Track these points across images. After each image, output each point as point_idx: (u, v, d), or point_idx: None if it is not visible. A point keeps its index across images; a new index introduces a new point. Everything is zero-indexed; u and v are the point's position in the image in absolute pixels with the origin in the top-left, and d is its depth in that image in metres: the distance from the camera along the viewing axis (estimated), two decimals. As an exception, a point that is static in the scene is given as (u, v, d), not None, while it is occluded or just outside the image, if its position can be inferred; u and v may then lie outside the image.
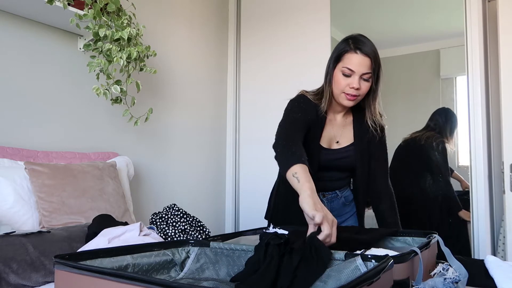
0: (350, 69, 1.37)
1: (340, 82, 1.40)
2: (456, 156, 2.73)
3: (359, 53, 1.36)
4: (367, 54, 1.36)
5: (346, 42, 1.41)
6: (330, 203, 1.60)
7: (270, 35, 2.95)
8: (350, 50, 1.38)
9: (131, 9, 2.04)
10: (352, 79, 1.38)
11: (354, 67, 1.37)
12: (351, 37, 1.43)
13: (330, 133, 1.53)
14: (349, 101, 1.42)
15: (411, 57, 2.92)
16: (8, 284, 1.10)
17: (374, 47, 1.39)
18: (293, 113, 1.48)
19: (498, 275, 1.05)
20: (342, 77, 1.39)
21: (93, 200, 1.64)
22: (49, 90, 1.92)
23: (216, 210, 2.95)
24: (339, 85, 1.41)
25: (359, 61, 1.36)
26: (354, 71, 1.37)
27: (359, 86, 1.38)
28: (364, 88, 1.40)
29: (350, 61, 1.37)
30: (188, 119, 2.72)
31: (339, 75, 1.40)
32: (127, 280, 0.66)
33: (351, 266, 0.80)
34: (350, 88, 1.39)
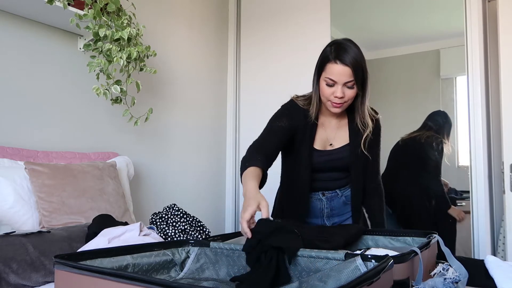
0: (331, 79, 1.40)
1: (325, 91, 1.44)
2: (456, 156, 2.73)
3: (339, 63, 1.38)
4: (346, 64, 1.37)
5: (329, 50, 1.43)
6: (330, 202, 1.61)
7: (270, 35, 2.95)
8: (330, 60, 1.40)
9: (131, 9, 2.04)
10: (336, 88, 1.41)
11: (335, 77, 1.39)
12: (334, 43, 1.44)
13: (323, 135, 1.57)
14: (336, 108, 1.46)
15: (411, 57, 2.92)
16: (8, 284, 1.10)
17: (356, 53, 1.39)
18: (276, 121, 1.55)
19: (498, 275, 1.05)
20: (326, 86, 1.43)
21: (93, 200, 1.64)
22: (49, 90, 1.92)
23: (216, 210, 2.95)
24: (324, 93, 1.44)
25: (339, 71, 1.38)
26: (336, 81, 1.40)
27: (343, 95, 1.41)
28: (349, 94, 1.43)
29: (331, 72, 1.40)
30: (188, 119, 2.72)
31: (323, 84, 1.44)
32: (127, 280, 0.66)
33: (351, 266, 0.81)
34: (334, 97, 1.42)
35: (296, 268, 0.93)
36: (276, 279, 0.91)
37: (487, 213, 2.18)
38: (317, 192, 1.60)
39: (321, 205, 1.60)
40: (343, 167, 1.57)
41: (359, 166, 1.57)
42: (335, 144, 1.57)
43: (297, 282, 0.86)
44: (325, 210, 1.61)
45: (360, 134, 1.54)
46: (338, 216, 1.63)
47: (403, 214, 2.67)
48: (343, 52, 1.39)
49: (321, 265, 0.90)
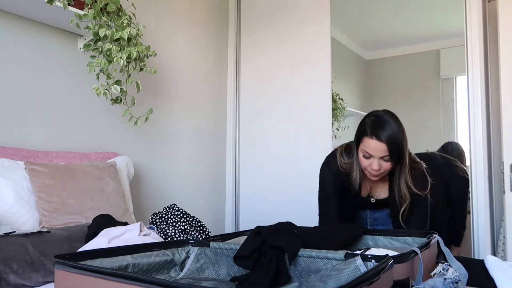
0: (368, 153, 1.48)
1: (363, 162, 1.52)
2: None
3: (375, 139, 1.44)
4: (382, 141, 1.43)
5: (367, 123, 1.50)
6: (374, 213, 1.70)
7: (270, 35, 2.95)
8: (367, 134, 1.47)
9: (131, 9, 2.04)
10: (372, 161, 1.48)
11: (371, 151, 1.47)
12: (372, 115, 1.51)
13: (366, 187, 1.67)
14: (373, 177, 1.54)
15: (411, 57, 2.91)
16: (8, 284, 1.09)
17: (393, 129, 1.44)
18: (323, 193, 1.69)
19: (498, 275, 1.05)
20: (363, 158, 1.51)
21: (93, 200, 1.64)
22: (49, 90, 1.92)
23: (216, 210, 2.95)
24: (363, 164, 1.53)
25: (375, 147, 1.45)
26: (372, 155, 1.47)
27: (379, 167, 1.48)
28: (385, 167, 1.49)
29: (368, 146, 1.47)
30: (188, 119, 2.72)
31: (361, 155, 1.52)
32: (127, 280, 0.66)
33: (351, 266, 0.80)
34: (371, 168, 1.50)
35: (296, 268, 0.93)
36: (276, 279, 0.91)
37: (487, 213, 2.18)
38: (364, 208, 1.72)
39: (365, 215, 1.71)
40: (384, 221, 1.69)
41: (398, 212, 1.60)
42: (377, 195, 1.67)
43: (297, 282, 0.86)
44: (369, 220, 1.71)
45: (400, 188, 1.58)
46: (382, 226, 1.71)
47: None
48: (380, 128, 1.45)
49: (321, 265, 0.90)
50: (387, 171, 1.52)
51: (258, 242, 0.97)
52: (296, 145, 2.76)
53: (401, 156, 1.49)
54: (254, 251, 0.96)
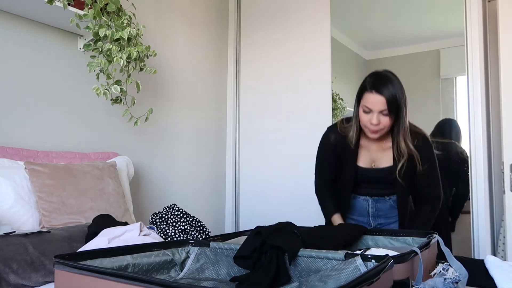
0: (367, 107, 1.53)
1: (362, 118, 1.57)
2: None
3: (374, 93, 1.50)
4: (381, 93, 1.49)
5: (367, 80, 1.56)
6: (376, 203, 1.70)
7: (270, 35, 2.95)
8: (367, 89, 1.53)
9: (131, 9, 2.04)
10: (371, 115, 1.53)
11: (370, 105, 1.52)
12: (373, 74, 1.57)
13: (366, 156, 1.68)
14: (373, 133, 1.58)
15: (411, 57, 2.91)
16: (8, 284, 1.09)
17: (393, 85, 1.51)
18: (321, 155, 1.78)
19: (498, 275, 1.05)
20: (363, 113, 1.56)
21: (93, 200, 1.64)
22: (49, 90, 1.92)
23: (216, 210, 2.95)
24: (362, 120, 1.57)
25: (374, 100, 1.51)
26: (371, 109, 1.52)
27: (378, 122, 1.52)
28: (384, 122, 1.53)
29: (367, 100, 1.53)
30: (188, 119, 2.72)
31: (361, 112, 1.57)
32: (127, 280, 0.66)
33: (351, 266, 0.80)
34: (370, 123, 1.54)
35: (296, 268, 0.93)
36: (276, 279, 0.91)
37: (487, 213, 2.18)
38: (364, 195, 1.72)
39: (367, 205, 1.71)
40: (387, 181, 1.66)
41: (404, 185, 1.63)
42: (379, 164, 1.67)
43: (297, 282, 0.86)
44: (371, 210, 1.71)
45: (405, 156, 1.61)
46: (385, 218, 1.71)
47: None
48: (380, 82, 1.52)
49: (321, 265, 0.90)
50: (386, 127, 1.55)
51: (258, 242, 0.97)
52: (296, 145, 2.76)
53: (400, 112, 1.53)
54: (254, 251, 0.96)
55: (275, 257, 0.93)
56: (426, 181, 1.65)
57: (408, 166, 1.62)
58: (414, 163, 1.62)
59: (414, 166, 1.62)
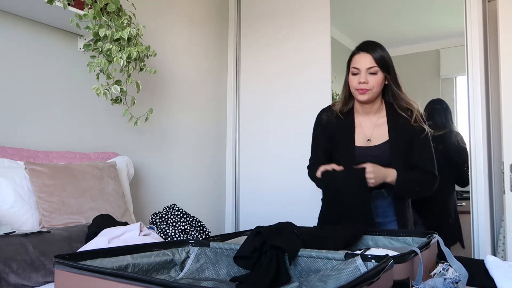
0: (356, 68, 1.58)
1: (352, 81, 1.60)
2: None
3: (360, 52, 1.58)
4: (367, 51, 1.56)
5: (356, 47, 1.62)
6: (374, 200, 1.61)
7: (270, 35, 2.95)
8: (355, 53, 1.60)
9: (131, 9, 2.04)
10: (359, 75, 1.57)
11: (357, 64, 1.57)
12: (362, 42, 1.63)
13: (361, 134, 1.66)
14: (362, 95, 1.58)
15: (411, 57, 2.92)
16: (8, 284, 1.10)
17: (378, 47, 1.58)
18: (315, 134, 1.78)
19: (498, 275, 1.05)
20: (352, 76, 1.60)
21: (93, 200, 1.64)
22: (49, 90, 1.92)
23: (216, 210, 2.95)
24: (351, 83, 1.60)
25: (360, 59, 1.57)
26: (359, 68, 1.57)
27: (366, 80, 1.55)
28: (372, 81, 1.56)
29: (355, 61, 1.59)
30: (188, 119, 2.72)
31: (351, 76, 1.61)
32: (127, 280, 0.66)
33: (351, 266, 0.80)
34: (359, 83, 1.56)
35: (296, 268, 0.93)
36: (276, 279, 0.91)
37: (487, 213, 2.18)
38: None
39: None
40: (385, 163, 1.59)
41: (402, 163, 1.59)
42: (374, 141, 1.64)
43: (297, 282, 0.85)
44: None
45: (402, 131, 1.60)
46: (382, 217, 1.65)
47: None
48: (364, 44, 1.60)
49: (321, 265, 0.90)
50: (374, 88, 1.57)
51: (258, 242, 0.97)
52: (296, 145, 2.75)
53: (389, 73, 1.57)
54: (254, 251, 0.96)
55: (275, 257, 0.93)
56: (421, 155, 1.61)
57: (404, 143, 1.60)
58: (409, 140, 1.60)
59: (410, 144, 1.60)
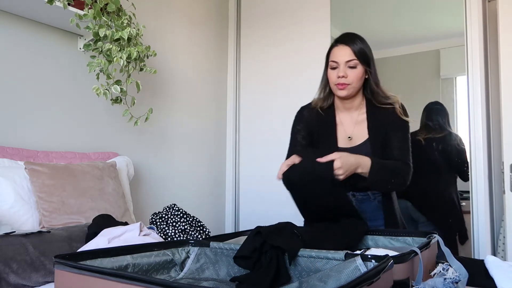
0: (334, 61, 1.50)
1: (331, 75, 1.52)
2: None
3: (339, 45, 1.50)
4: (345, 44, 1.48)
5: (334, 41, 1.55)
6: (360, 204, 1.54)
7: (270, 35, 2.95)
8: (333, 46, 1.52)
9: (131, 9, 2.04)
10: (338, 69, 1.49)
11: (336, 57, 1.49)
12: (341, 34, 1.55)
13: (342, 133, 1.59)
14: (341, 90, 1.50)
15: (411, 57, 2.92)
16: (8, 284, 1.10)
17: (357, 39, 1.49)
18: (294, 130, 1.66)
19: (498, 275, 1.05)
20: (331, 70, 1.52)
21: (93, 200, 1.64)
22: (49, 90, 1.92)
23: (216, 210, 2.95)
24: (331, 78, 1.52)
25: (339, 52, 1.49)
26: (337, 62, 1.49)
27: (345, 74, 1.47)
28: (352, 76, 1.48)
29: (333, 54, 1.51)
30: (188, 119, 2.72)
31: (329, 70, 1.53)
32: (127, 280, 0.66)
33: (351, 266, 0.80)
34: (338, 78, 1.48)
35: (296, 268, 0.93)
36: (276, 279, 0.91)
37: (487, 213, 2.18)
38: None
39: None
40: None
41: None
42: (355, 139, 1.56)
43: (297, 282, 0.85)
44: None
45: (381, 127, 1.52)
46: (370, 221, 1.51)
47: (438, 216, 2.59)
48: (343, 37, 1.52)
49: (321, 265, 0.90)
50: (354, 83, 1.48)
51: (258, 242, 0.97)
52: (296, 145, 2.75)
53: (369, 64, 1.50)
54: (254, 251, 0.96)
55: (275, 257, 0.93)
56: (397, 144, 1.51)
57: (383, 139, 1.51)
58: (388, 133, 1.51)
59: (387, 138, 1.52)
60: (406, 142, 1.53)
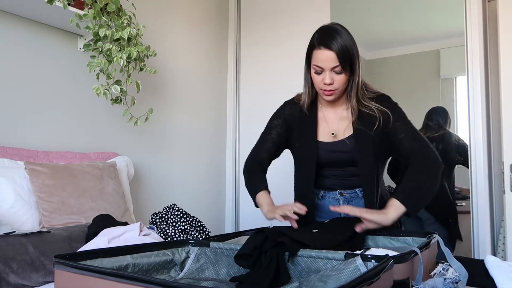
0: (318, 66, 1.37)
1: (315, 79, 1.41)
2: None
3: (323, 49, 1.34)
4: (330, 48, 1.33)
5: (315, 36, 1.40)
6: (348, 203, 1.48)
7: (270, 35, 2.95)
8: (315, 47, 1.37)
9: (131, 9, 2.04)
10: (324, 75, 1.37)
11: (320, 63, 1.36)
12: (320, 29, 1.41)
13: (325, 129, 1.50)
14: (328, 96, 1.41)
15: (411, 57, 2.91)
16: (8, 284, 1.10)
17: (342, 37, 1.34)
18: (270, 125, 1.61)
19: (498, 275, 1.05)
20: (315, 74, 1.40)
21: (93, 200, 1.64)
22: (49, 90, 1.92)
23: (216, 210, 2.95)
24: (315, 82, 1.41)
25: (323, 57, 1.35)
26: (322, 68, 1.36)
27: (332, 81, 1.36)
28: (339, 81, 1.37)
29: (317, 58, 1.37)
30: (188, 119, 2.72)
31: (313, 72, 1.41)
32: (127, 280, 0.66)
33: (351, 266, 0.80)
34: (323, 84, 1.38)
35: (296, 268, 0.93)
36: (276, 279, 0.91)
37: (487, 213, 2.18)
38: (334, 191, 1.51)
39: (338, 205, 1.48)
40: (353, 160, 1.44)
41: (367, 159, 1.42)
42: (339, 135, 1.47)
43: (297, 282, 0.86)
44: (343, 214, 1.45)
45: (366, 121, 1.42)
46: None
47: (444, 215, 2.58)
48: (328, 36, 1.35)
49: (321, 265, 0.90)
50: (341, 86, 1.38)
51: (259, 240, 0.97)
52: (296, 145, 2.75)
53: (353, 67, 1.37)
54: (254, 249, 0.96)
55: (275, 257, 0.93)
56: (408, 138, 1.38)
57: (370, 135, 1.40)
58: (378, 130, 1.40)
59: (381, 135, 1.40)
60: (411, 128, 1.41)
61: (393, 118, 1.41)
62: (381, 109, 1.42)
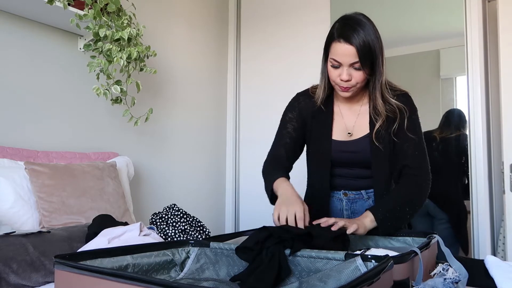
0: (336, 61, 1.27)
1: (331, 73, 1.31)
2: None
3: (343, 42, 1.23)
4: (351, 43, 1.22)
5: (336, 25, 1.29)
6: (352, 204, 1.42)
7: (270, 35, 2.95)
8: (334, 38, 1.26)
9: (131, 9, 2.04)
10: (341, 70, 1.27)
11: (339, 58, 1.25)
12: (342, 18, 1.31)
13: (341, 125, 1.41)
14: (344, 92, 1.32)
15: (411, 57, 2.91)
16: (8, 284, 1.10)
17: (365, 30, 1.23)
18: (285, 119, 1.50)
19: (498, 275, 1.05)
20: (332, 68, 1.30)
21: (93, 200, 1.64)
22: (49, 90, 1.92)
23: (216, 210, 2.95)
24: (331, 76, 1.32)
25: (343, 51, 1.24)
26: (340, 62, 1.26)
27: (349, 78, 1.27)
28: (357, 77, 1.27)
29: (335, 52, 1.26)
30: (188, 119, 2.72)
31: (329, 66, 1.31)
32: (127, 280, 0.66)
33: (351, 266, 0.80)
34: (340, 80, 1.28)
35: (296, 268, 0.93)
36: (278, 274, 0.91)
37: (487, 213, 2.18)
38: (339, 191, 1.44)
39: (341, 206, 1.43)
40: (365, 161, 1.37)
41: (382, 161, 1.34)
42: (355, 134, 1.39)
43: (297, 282, 0.85)
44: (345, 213, 1.43)
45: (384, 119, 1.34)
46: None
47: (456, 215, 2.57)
48: (349, 29, 1.23)
49: (321, 265, 0.89)
50: (359, 83, 1.29)
51: (262, 237, 0.97)
52: (296, 145, 2.75)
53: (375, 63, 1.26)
54: (256, 243, 0.96)
55: (277, 254, 0.93)
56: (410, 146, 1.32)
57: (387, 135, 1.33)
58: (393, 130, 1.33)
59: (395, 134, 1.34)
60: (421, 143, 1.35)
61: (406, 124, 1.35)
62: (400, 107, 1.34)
